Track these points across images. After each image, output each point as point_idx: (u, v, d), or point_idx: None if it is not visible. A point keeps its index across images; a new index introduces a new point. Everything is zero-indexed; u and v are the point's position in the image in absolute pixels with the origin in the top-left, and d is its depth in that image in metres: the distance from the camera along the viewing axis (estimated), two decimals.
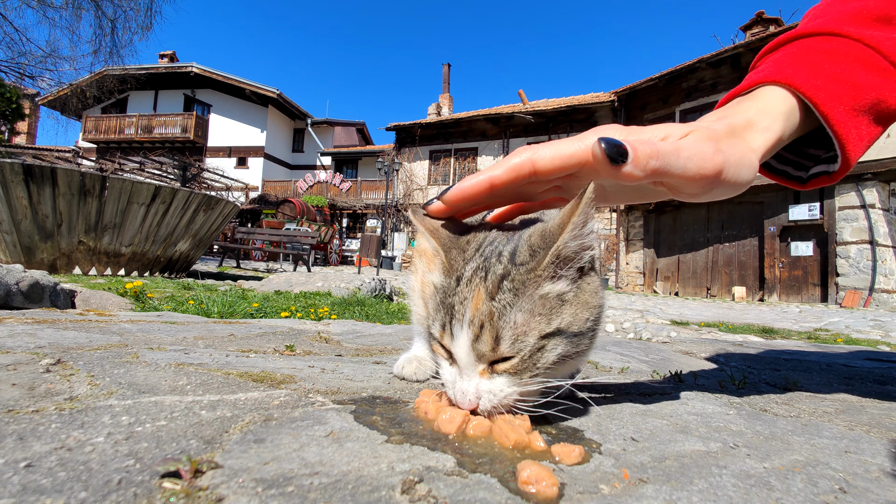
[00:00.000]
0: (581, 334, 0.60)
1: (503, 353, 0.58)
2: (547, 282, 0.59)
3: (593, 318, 0.61)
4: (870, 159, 10.75)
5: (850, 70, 0.66)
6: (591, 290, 0.62)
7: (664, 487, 0.46)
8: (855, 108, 0.65)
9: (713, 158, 0.57)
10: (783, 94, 0.67)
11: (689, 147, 0.57)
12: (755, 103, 0.67)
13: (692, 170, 0.56)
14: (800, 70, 0.67)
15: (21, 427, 0.52)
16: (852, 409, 0.89)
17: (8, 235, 4.44)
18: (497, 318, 0.58)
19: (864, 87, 0.65)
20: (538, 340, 0.58)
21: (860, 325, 5.41)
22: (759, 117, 0.65)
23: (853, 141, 0.66)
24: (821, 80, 0.65)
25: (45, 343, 1.04)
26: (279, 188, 25.59)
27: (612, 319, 4.22)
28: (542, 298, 0.58)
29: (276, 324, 1.88)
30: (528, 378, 0.60)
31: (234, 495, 0.39)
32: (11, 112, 16.18)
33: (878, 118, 0.67)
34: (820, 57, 0.68)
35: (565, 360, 0.61)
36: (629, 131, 0.60)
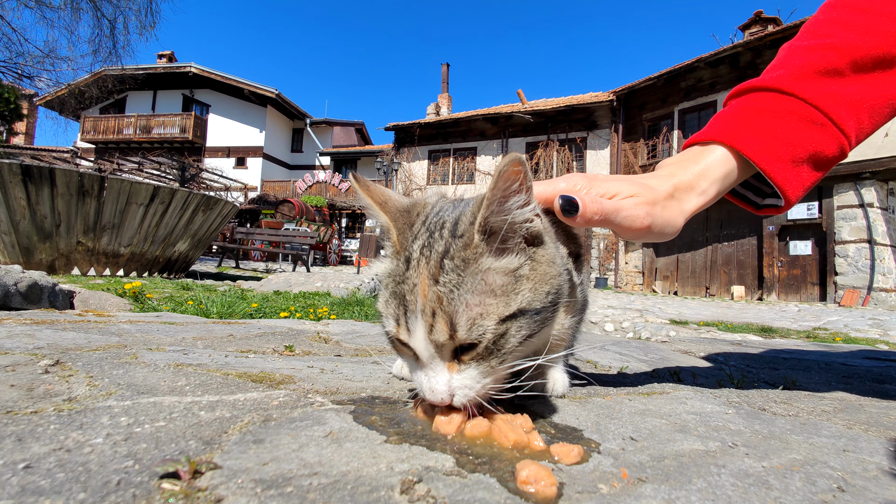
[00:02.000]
0: (545, 309, 0.58)
1: (462, 339, 0.54)
2: (490, 257, 0.56)
3: (555, 289, 0.60)
4: (868, 158, 10.76)
5: (790, 128, 0.77)
6: (547, 260, 0.60)
7: (663, 487, 0.46)
8: (793, 160, 0.77)
9: (643, 221, 0.73)
10: (724, 155, 0.80)
11: (626, 209, 0.72)
12: (700, 164, 0.80)
13: (626, 226, 0.73)
14: (743, 130, 0.79)
15: (20, 428, 0.51)
16: (851, 408, 0.89)
17: (6, 236, 4.43)
18: (447, 303, 0.53)
19: (801, 143, 0.76)
20: (499, 325, 0.54)
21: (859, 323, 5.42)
22: (699, 181, 0.79)
23: (792, 187, 0.78)
24: (761, 139, 0.78)
25: (43, 344, 1.04)
26: (278, 188, 25.56)
27: (612, 319, 4.22)
28: (490, 275, 0.55)
29: (275, 324, 1.88)
30: (497, 364, 0.57)
31: (233, 496, 0.39)
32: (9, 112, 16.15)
33: (817, 165, 0.78)
34: (764, 116, 0.79)
35: (530, 340, 0.59)
36: (591, 184, 0.74)
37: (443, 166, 19.97)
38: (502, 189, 0.54)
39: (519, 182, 0.55)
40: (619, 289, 15.18)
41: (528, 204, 0.57)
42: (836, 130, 0.76)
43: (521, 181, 0.55)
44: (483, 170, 18.75)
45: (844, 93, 0.77)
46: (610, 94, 16.40)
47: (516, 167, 0.54)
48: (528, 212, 0.57)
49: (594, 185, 0.74)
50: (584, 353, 1.60)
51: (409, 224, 0.62)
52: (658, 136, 14.98)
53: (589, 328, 3.89)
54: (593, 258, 15.94)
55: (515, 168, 0.54)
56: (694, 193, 0.79)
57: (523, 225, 0.58)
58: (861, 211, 11.07)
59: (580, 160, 16.88)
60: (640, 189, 0.75)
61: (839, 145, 0.77)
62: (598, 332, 3.71)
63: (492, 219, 0.55)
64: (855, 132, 0.77)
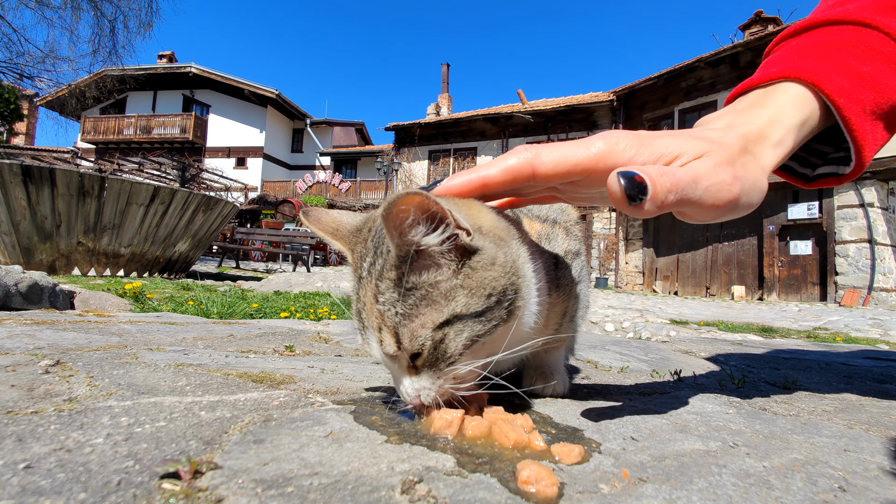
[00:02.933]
0: (488, 310, 0.58)
1: (409, 350, 0.58)
2: (418, 274, 0.57)
3: (499, 289, 0.59)
4: None
5: (876, 68, 0.62)
6: (484, 264, 0.59)
7: (664, 487, 0.46)
8: (875, 111, 0.62)
9: (730, 189, 0.53)
10: (800, 96, 0.62)
11: (707, 176, 0.52)
12: (769, 109, 0.62)
13: (708, 201, 0.53)
14: (822, 65, 0.62)
15: (20, 428, 0.51)
16: (851, 408, 0.89)
17: (7, 236, 4.43)
18: (388, 319, 0.57)
19: (888, 89, 0.62)
20: (434, 332, 0.57)
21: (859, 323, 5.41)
22: (772, 129, 0.61)
23: (869, 146, 0.63)
24: (845, 78, 0.61)
25: (44, 344, 1.04)
26: (278, 188, 25.58)
27: (612, 319, 4.22)
28: (422, 289, 0.57)
29: (275, 324, 1.88)
30: (446, 366, 0.59)
31: (233, 496, 0.39)
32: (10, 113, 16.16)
33: (890, 124, 0.64)
34: (844, 51, 0.63)
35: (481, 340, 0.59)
36: (641, 142, 0.55)
37: (443, 166, 19.98)
38: (395, 227, 0.54)
39: (412, 216, 0.54)
40: (620, 289, 15.17)
41: (436, 229, 0.56)
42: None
43: (413, 215, 0.54)
44: None
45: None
46: (610, 94, 16.40)
47: (402, 205, 0.52)
48: (436, 237, 0.56)
49: (645, 144, 0.55)
50: (585, 353, 1.60)
51: (363, 241, 0.64)
52: None
53: (589, 328, 3.89)
54: (593, 258, 15.94)
55: (402, 207, 0.52)
56: (768, 145, 0.60)
57: (439, 247, 0.57)
58: (861, 211, 11.07)
59: None
60: (707, 145, 0.55)
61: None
62: (599, 332, 3.71)
63: (402, 250, 0.56)
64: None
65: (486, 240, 0.60)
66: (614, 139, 0.55)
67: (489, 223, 0.63)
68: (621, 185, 0.49)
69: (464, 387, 0.62)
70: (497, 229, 0.63)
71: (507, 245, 0.62)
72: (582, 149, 0.55)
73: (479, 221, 0.61)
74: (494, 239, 0.61)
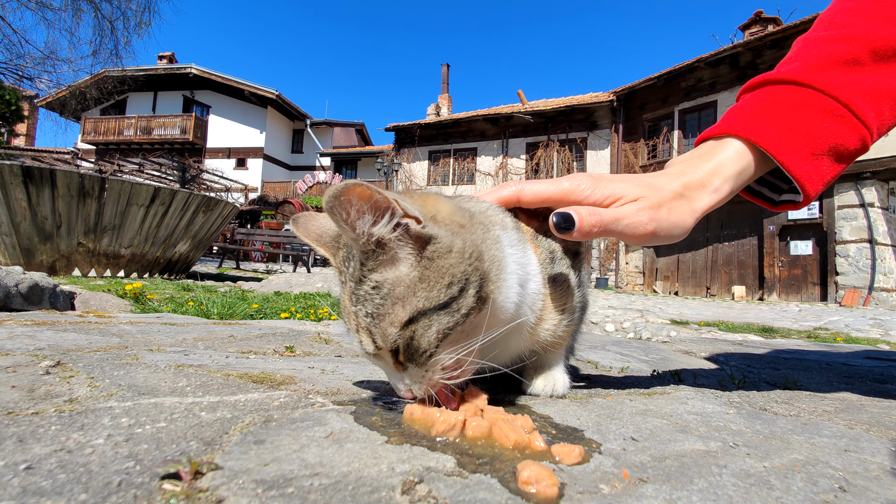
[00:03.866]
0: (453, 299, 0.59)
1: (385, 347, 0.60)
2: (380, 272, 0.59)
3: (460, 276, 0.59)
4: (869, 158, 10.75)
5: (809, 119, 0.74)
6: (441, 252, 0.59)
7: (664, 487, 0.46)
8: (813, 153, 0.74)
9: (646, 227, 0.71)
10: (739, 151, 0.77)
11: (628, 217, 0.71)
12: (713, 161, 0.77)
13: (628, 234, 0.72)
14: (760, 122, 0.76)
15: (21, 429, 0.52)
16: (852, 408, 0.89)
17: (7, 237, 4.43)
18: (361, 320, 0.60)
19: (821, 135, 0.73)
20: (403, 330, 0.58)
21: (860, 323, 5.41)
22: (712, 178, 0.76)
23: (812, 182, 0.75)
24: (778, 131, 0.74)
25: (44, 345, 1.04)
26: (278, 189, 25.58)
27: (612, 319, 4.22)
28: (386, 287, 0.58)
29: (275, 325, 1.88)
30: (426, 360, 0.60)
31: (234, 496, 0.39)
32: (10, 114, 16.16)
33: (837, 158, 0.75)
34: (781, 108, 0.76)
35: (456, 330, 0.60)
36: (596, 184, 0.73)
37: (443, 167, 19.97)
38: (343, 220, 0.55)
39: (355, 207, 0.55)
40: (620, 289, 15.17)
41: (382, 217, 0.57)
42: (857, 122, 0.73)
43: (356, 204, 0.55)
44: (483, 170, 18.75)
45: (865, 83, 0.74)
46: (610, 94, 16.39)
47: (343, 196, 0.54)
48: (384, 225, 0.57)
49: (598, 186, 0.73)
50: (585, 354, 1.60)
51: (344, 247, 0.66)
52: (658, 137, 14.98)
53: (589, 328, 3.89)
54: (593, 258, 15.94)
55: (343, 198, 0.54)
56: (706, 192, 0.76)
57: (392, 235, 0.58)
58: (862, 211, 11.06)
59: (580, 160, 16.87)
60: (645, 191, 0.73)
61: (860, 137, 0.74)
62: (599, 333, 3.71)
63: (358, 245, 0.58)
64: (877, 124, 0.74)
65: (440, 228, 0.61)
66: (577, 181, 0.74)
67: (445, 212, 0.64)
68: (553, 221, 0.70)
69: (454, 375, 0.62)
70: (455, 216, 0.64)
71: (468, 231, 0.63)
72: (554, 186, 0.74)
73: (433, 210, 0.62)
74: (451, 226, 0.62)
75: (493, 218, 0.70)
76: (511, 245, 0.69)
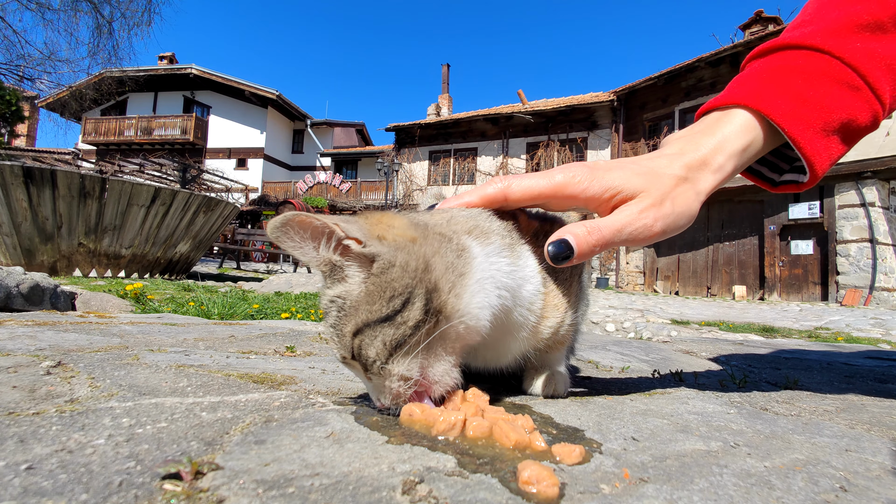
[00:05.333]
0: (397, 312, 0.60)
1: (346, 357, 0.63)
2: (335, 286, 0.63)
3: (402, 289, 0.60)
4: (869, 158, 10.74)
5: (823, 91, 0.67)
6: (383, 268, 0.60)
7: (665, 487, 0.46)
8: (825, 129, 0.67)
9: (652, 229, 0.66)
10: (745, 124, 0.70)
11: (630, 222, 0.65)
12: (716, 136, 0.70)
13: (634, 241, 0.66)
14: (772, 91, 0.69)
15: (22, 429, 0.52)
16: (853, 408, 0.89)
17: (8, 238, 4.44)
18: (327, 329, 0.64)
19: (834, 109, 0.66)
20: (352, 340, 0.61)
21: (861, 323, 5.41)
22: (715, 156, 0.69)
23: (821, 160, 0.68)
24: (791, 103, 0.67)
25: (45, 345, 1.04)
26: (279, 189, 25.59)
27: (613, 319, 4.22)
28: (340, 300, 0.62)
29: (276, 325, 1.88)
30: (378, 370, 0.61)
31: (234, 496, 0.39)
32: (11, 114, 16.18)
33: (846, 137, 0.69)
34: (794, 77, 0.69)
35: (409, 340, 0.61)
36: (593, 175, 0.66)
37: (443, 167, 19.98)
38: (290, 247, 0.61)
39: (298, 235, 0.60)
40: (621, 289, 15.16)
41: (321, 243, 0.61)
42: (872, 96, 0.67)
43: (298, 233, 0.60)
44: (483, 170, 18.75)
45: (885, 53, 0.66)
46: (610, 94, 16.39)
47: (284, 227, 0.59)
48: (325, 249, 0.61)
49: (595, 178, 0.66)
50: (586, 354, 1.60)
51: None
52: (659, 136, 14.97)
53: (590, 328, 3.89)
54: (594, 258, 15.93)
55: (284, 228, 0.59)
56: (708, 171, 0.69)
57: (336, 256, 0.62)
58: (862, 210, 11.05)
59: (581, 160, 16.84)
60: (645, 182, 0.66)
61: (873, 113, 0.68)
62: (600, 332, 3.71)
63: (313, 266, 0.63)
64: (890, 99, 0.68)
65: (384, 246, 0.62)
66: (571, 172, 0.67)
67: (396, 229, 0.64)
68: (549, 251, 0.65)
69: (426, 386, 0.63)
70: (408, 232, 0.64)
71: (419, 245, 0.63)
72: (545, 180, 0.67)
73: (382, 230, 0.63)
74: (399, 242, 0.62)
75: (460, 226, 0.68)
76: (491, 254, 0.66)
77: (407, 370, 0.61)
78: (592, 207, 0.69)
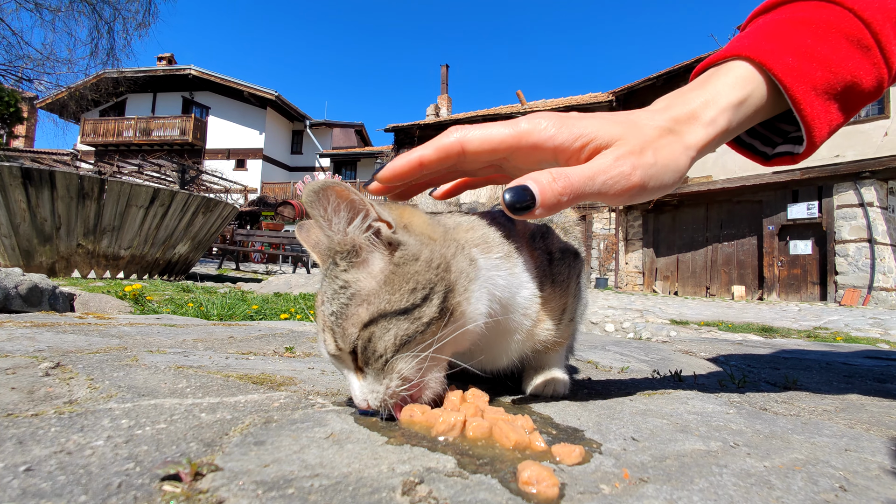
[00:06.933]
0: (416, 306, 0.59)
1: (342, 348, 0.60)
2: (350, 272, 0.60)
3: (424, 284, 0.59)
4: (868, 158, 10.77)
5: (832, 46, 0.61)
6: (407, 258, 0.60)
7: (665, 487, 0.46)
8: (828, 91, 0.61)
9: (629, 179, 0.58)
10: (742, 76, 0.63)
11: (604, 171, 0.57)
12: (707, 90, 0.63)
13: (609, 193, 0.58)
14: (776, 44, 0.62)
15: (20, 431, 0.51)
16: (852, 408, 0.89)
17: (6, 239, 4.43)
18: (327, 318, 0.60)
19: (840, 69, 0.61)
20: (361, 331, 0.58)
21: (859, 323, 5.42)
22: (705, 110, 0.62)
23: (820, 125, 0.63)
24: (796, 57, 0.61)
25: (44, 346, 1.04)
26: (278, 190, 25.58)
27: (612, 319, 4.22)
28: (352, 288, 0.59)
29: (275, 326, 1.88)
30: (382, 365, 0.59)
31: (234, 498, 0.39)
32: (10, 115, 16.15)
33: (847, 104, 0.64)
34: (802, 28, 0.62)
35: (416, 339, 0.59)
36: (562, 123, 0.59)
37: None
38: (320, 214, 0.58)
39: (332, 204, 0.57)
40: (620, 289, 15.17)
41: (356, 217, 0.59)
42: (881, 58, 0.61)
43: (332, 202, 0.57)
44: None
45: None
46: (609, 94, 16.41)
47: (320, 193, 0.56)
48: (358, 226, 0.59)
49: (565, 125, 0.59)
50: (585, 354, 1.60)
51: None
52: None
53: (589, 328, 3.89)
54: (593, 258, 15.93)
55: (321, 194, 0.56)
56: (699, 124, 0.62)
57: (363, 236, 0.59)
58: (861, 210, 11.07)
59: None
60: (622, 130, 0.59)
61: (878, 79, 0.62)
62: (599, 333, 3.71)
63: (333, 242, 0.60)
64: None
65: (411, 236, 0.62)
66: (537, 119, 0.60)
67: (419, 223, 0.64)
68: (504, 199, 0.55)
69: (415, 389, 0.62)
70: (428, 229, 0.64)
71: (439, 245, 0.63)
72: (507, 129, 0.60)
73: (407, 220, 0.63)
74: (422, 237, 0.63)
75: (469, 235, 0.68)
76: (492, 268, 0.67)
77: (409, 370, 0.60)
78: (562, 160, 0.61)
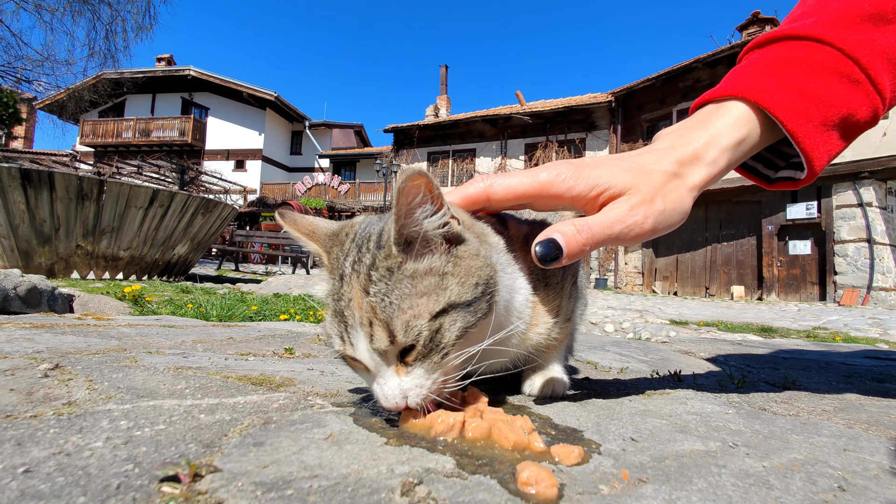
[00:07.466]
0: (476, 300, 0.60)
1: (402, 343, 0.57)
2: (412, 262, 0.59)
3: (483, 280, 0.61)
4: (867, 158, 10.78)
5: (823, 83, 0.65)
6: (469, 254, 0.61)
7: (663, 487, 0.46)
8: (825, 123, 0.65)
9: (642, 226, 0.64)
10: (740, 117, 0.68)
11: (620, 220, 0.63)
12: (708, 130, 0.68)
13: (624, 239, 0.64)
14: (770, 83, 0.67)
15: (19, 432, 0.51)
16: (851, 408, 0.89)
17: (6, 240, 4.42)
18: (380, 311, 0.56)
19: (834, 102, 0.65)
20: (431, 321, 0.57)
21: (859, 323, 5.42)
22: (707, 150, 0.67)
23: (819, 155, 0.66)
24: (789, 95, 0.65)
25: (43, 348, 1.04)
26: (277, 191, 25.56)
27: (612, 319, 4.22)
28: (416, 278, 0.58)
29: (275, 326, 1.88)
30: (440, 359, 0.59)
31: (233, 499, 0.39)
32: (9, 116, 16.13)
33: (845, 132, 0.68)
34: (793, 68, 0.67)
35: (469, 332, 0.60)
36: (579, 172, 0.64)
37: (442, 168, 19.98)
38: (406, 204, 0.57)
39: (422, 195, 0.57)
40: (619, 289, 15.17)
41: (437, 212, 0.59)
42: (873, 90, 0.65)
43: (423, 193, 0.57)
44: (482, 171, 18.75)
45: (887, 45, 0.64)
46: (608, 94, 16.42)
47: (415, 181, 0.55)
48: (437, 220, 0.59)
49: (581, 175, 0.65)
50: (585, 354, 1.60)
51: (340, 244, 0.65)
52: None
53: (589, 329, 3.89)
54: (593, 259, 15.94)
55: (415, 182, 0.55)
56: (701, 165, 0.67)
57: (437, 231, 0.60)
58: (860, 210, 11.08)
59: None
60: (634, 179, 0.65)
61: (873, 109, 0.66)
62: (598, 333, 3.71)
63: (404, 231, 0.58)
64: (891, 93, 0.66)
65: (469, 232, 0.63)
66: (556, 170, 0.65)
67: (467, 219, 0.66)
68: (536, 252, 0.62)
69: (451, 384, 0.62)
70: (474, 228, 0.67)
71: (483, 241, 0.66)
72: (529, 178, 0.65)
73: (463, 217, 0.65)
74: (474, 233, 0.65)
75: (494, 239, 0.71)
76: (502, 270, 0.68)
77: (453, 365, 0.61)
78: (579, 206, 0.67)
